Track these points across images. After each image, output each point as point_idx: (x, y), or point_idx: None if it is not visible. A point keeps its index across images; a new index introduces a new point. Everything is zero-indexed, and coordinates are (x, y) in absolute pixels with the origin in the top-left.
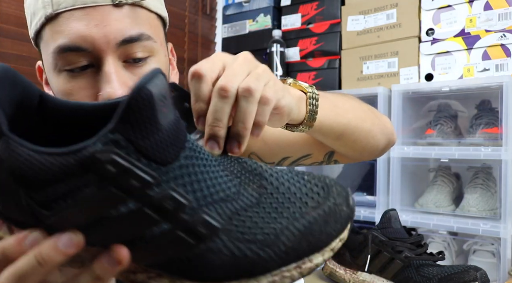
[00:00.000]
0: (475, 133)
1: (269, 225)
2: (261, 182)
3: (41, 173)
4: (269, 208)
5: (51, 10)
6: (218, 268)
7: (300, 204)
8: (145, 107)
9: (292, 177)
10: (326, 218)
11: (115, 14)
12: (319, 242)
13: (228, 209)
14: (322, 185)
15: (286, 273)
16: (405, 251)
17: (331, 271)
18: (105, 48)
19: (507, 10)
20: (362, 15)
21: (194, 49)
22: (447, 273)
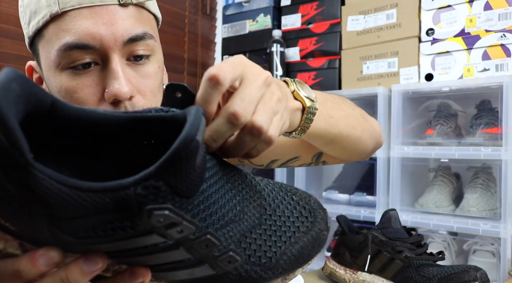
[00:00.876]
0: (475, 133)
1: (271, 248)
2: (260, 200)
3: (72, 208)
4: (269, 231)
5: (57, 8)
6: None
7: (293, 228)
8: (189, 158)
9: (284, 198)
10: (313, 243)
11: (121, 13)
12: (304, 261)
13: (237, 231)
14: (308, 208)
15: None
16: (405, 251)
17: (331, 271)
18: (112, 46)
19: (507, 10)
20: (362, 15)
21: (194, 49)
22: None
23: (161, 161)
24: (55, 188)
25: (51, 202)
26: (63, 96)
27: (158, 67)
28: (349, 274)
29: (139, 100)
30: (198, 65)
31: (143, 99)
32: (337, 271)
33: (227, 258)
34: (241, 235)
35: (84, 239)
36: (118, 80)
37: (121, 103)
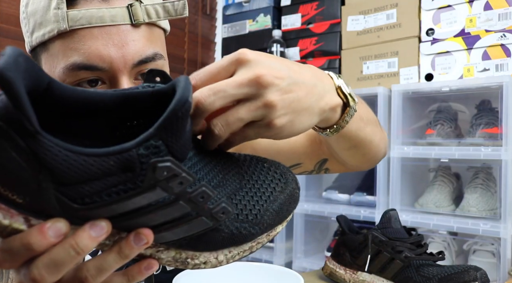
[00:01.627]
0: (475, 133)
1: (255, 207)
2: (237, 169)
3: (79, 173)
4: (250, 192)
5: (65, 26)
6: (218, 242)
7: (270, 189)
8: (184, 117)
9: (256, 165)
10: (289, 199)
11: (133, 35)
12: (283, 218)
13: (224, 194)
14: (279, 172)
15: (260, 240)
16: (405, 251)
17: (331, 271)
18: (122, 68)
19: (507, 10)
20: (362, 15)
21: (194, 49)
22: (447, 273)
23: (160, 121)
24: (63, 154)
25: (60, 168)
26: None
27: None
28: (349, 274)
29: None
30: (198, 65)
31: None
32: (337, 271)
33: (221, 210)
34: (227, 197)
35: (90, 204)
36: None
37: None
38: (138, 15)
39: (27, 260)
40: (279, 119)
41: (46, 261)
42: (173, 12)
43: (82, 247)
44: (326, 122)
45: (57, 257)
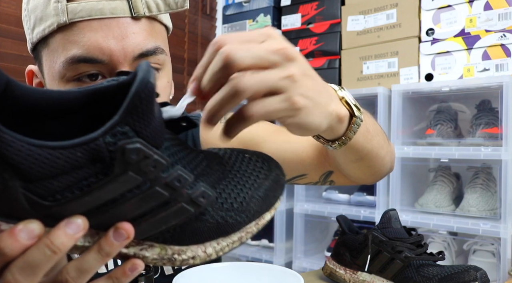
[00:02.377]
0: (475, 133)
1: (239, 194)
2: (219, 159)
3: (46, 167)
4: (233, 181)
5: (65, 19)
6: (203, 233)
7: (253, 177)
8: (149, 100)
9: (237, 156)
10: (275, 185)
11: (133, 27)
12: (270, 204)
13: (207, 183)
14: (261, 160)
15: (249, 229)
16: (405, 251)
17: (331, 271)
18: (122, 61)
19: (507, 10)
20: (362, 15)
21: (194, 49)
22: (447, 273)
23: (123, 106)
24: (26, 149)
25: (24, 163)
26: None
27: (167, 82)
28: (349, 274)
29: None
30: None
31: None
32: (337, 271)
33: (201, 194)
34: (211, 186)
35: (61, 200)
36: None
37: None
38: (138, 8)
39: (1, 267)
40: (298, 98)
41: (20, 265)
42: (173, 5)
43: (58, 246)
44: (333, 133)
45: (32, 259)
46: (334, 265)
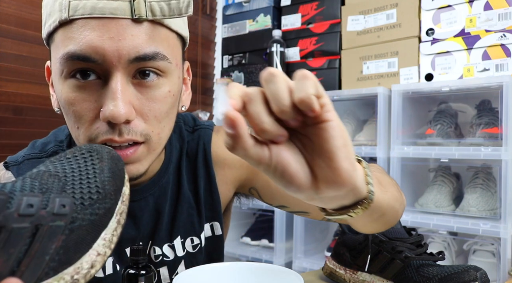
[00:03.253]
0: (475, 133)
1: (91, 186)
2: (47, 174)
3: None
4: (76, 181)
5: (66, 15)
6: (85, 238)
7: (90, 166)
8: None
9: (61, 162)
10: (112, 161)
11: (132, 29)
12: (122, 178)
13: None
14: (85, 151)
15: (120, 210)
16: (405, 251)
17: (331, 271)
18: (116, 63)
19: (507, 10)
20: (362, 15)
21: (194, 49)
22: (447, 273)
23: None
24: None
25: None
26: (63, 106)
27: (168, 91)
28: (349, 274)
29: (138, 125)
30: (198, 65)
31: (144, 123)
32: (337, 271)
33: (59, 204)
34: (58, 192)
35: None
36: (115, 101)
37: (116, 125)
38: (140, 10)
39: None
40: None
41: None
42: (177, 11)
43: None
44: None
45: None
46: (334, 265)
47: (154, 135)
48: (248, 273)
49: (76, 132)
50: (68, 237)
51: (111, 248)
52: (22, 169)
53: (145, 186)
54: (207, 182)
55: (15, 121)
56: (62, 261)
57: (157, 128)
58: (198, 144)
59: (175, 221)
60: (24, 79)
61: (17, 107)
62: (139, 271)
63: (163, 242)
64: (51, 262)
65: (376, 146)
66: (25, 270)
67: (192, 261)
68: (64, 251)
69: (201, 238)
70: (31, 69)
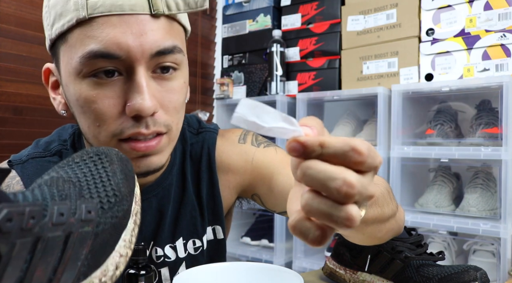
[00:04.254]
0: (475, 133)
1: (106, 190)
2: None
3: None
4: (91, 185)
5: (85, 13)
6: (109, 241)
7: (101, 169)
8: None
9: (72, 168)
10: (122, 163)
11: (152, 25)
12: (132, 178)
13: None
14: (93, 154)
15: (135, 210)
16: (405, 251)
17: (331, 271)
18: (139, 58)
19: (507, 10)
20: (362, 15)
21: (194, 49)
22: (447, 273)
23: None
24: None
25: None
26: (81, 106)
27: (183, 82)
28: (349, 274)
29: (161, 116)
30: (198, 65)
31: (165, 115)
32: (337, 271)
33: (86, 210)
34: (77, 198)
35: None
36: (142, 95)
37: (142, 119)
38: (158, 6)
39: None
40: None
41: None
42: (193, 5)
43: None
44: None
45: None
46: (334, 265)
47: (174, 126)
48: (248, 273)
49: (96, 131)
50: (94, 241)
51: (131, 248)
52: (26, 167)
53: (149, 186)
54: (210, 186)
55: (15, 121)
56: (91, 265)
57: (176, 119)
58: (203, 147)
59: (177, 222)
60: (24, 79)
61: (17, 107)
62: (139, 271)
63: (165, 243)
64: (82, 267)
65: (376, 146)
66: (61, 277)
67: (193, 263)
68: (92, 256)
69: (203, 241)
70: (31, 69)
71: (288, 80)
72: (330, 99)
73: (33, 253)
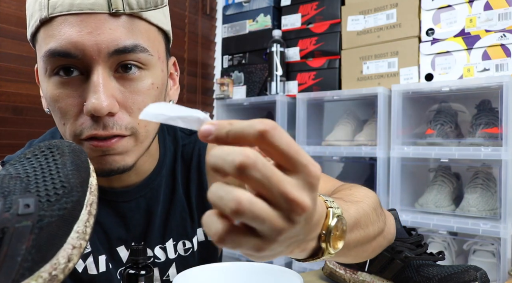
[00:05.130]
0: (475, 133)
1: (55, 182)
2: (8, 177)
3: None
4: (39, 179)
5: (46, 13)
6: (58, 233)
7: (51, 162)
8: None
9: (21, 163)
10: (74, 154)
11: (110, 23)
12: (86, 169)
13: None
14: (44, 148)
15: (89, 201)
16: (405, 251)
17: (331, 271)
18: (96, 57)
19: (507, 10)
20: (362, 15)
21: (194, 49)
22: (447, 273)
23: None
24: None
25: None
26: (49, 104)
27: (151, 83)
28: (349, 274)
29: (123, 118)
30: (198, 65)
31: (129, 117)
32: (337, 271)
33: (23, 204)
34: (22, 193)
35: None
36: (96, 94)
37: (100, 119)
38: (117, 4)
39: None
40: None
41: None
42: (153, 3)
43: None
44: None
45: None
46: (334, 265)
47: (140, 128)
48: (248, 273)
49: (63, 129)
50: (38, 236)
51: (86, 239)
52: None
53: (136, 187)
54: (199, 187)
55: (15, 121)
56: (36, 259)
57: (143, 121)
58: (194, 148)
59: (167, 223)
60: (24, 79)
61: (17, 107)
62: (139, 271)
63: (154, 243)
64: (25, 263)
65: (376, 146)
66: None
67: (183, 264)
68: (37, 250)
69: (193, 242)
70: (31, 69)
71: (288, 80)
72: (330, 99)
73: None
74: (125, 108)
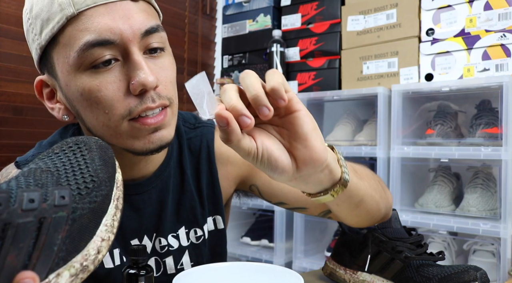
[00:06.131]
0: (475, 133)
1: (84, 176)
2: (39, 170)
3: None
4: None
5: (73, 10)
6: (88, 226)
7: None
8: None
9: (50, 158)
10: (101, 149)
11: (134, 8)
12: (113, 164)
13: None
14: (72, 143)
15: (116, 195)
16: (405, 251)
17: (331, 271)
18: (132, 39)
19: (507, 10)
20: (362, 15)
21: (194, 49)
22: (447, 273)
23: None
24: None
25: None
26: (86, 98)
27: (170, 60)
28: (349, 274)
29: (162, 90)
30: (198, 65)
31: (165, 89)
32: (337, 271)
33: (59, 196)
34: (54, 186)
35: None
36: (143, 70)
37: (147, 93)
38: None
39: None
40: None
41: None
42: None
43: None
44: (333, 174)
45: None
46: (334, 265)
47: (174, 99)
48: (248, 273)
49: (106, 118)
50: (71, 227)
51: (114, 232)
52: None
53: (148, 179)
54: (210, 177)
55: (15, 121)
56: (70, 250)
57: (174, 93)
58: (202, 140)
59: (179, 212)
60: (24, 79)
61: (17, 107)
62: (139, 271)
63: (167, 232)
64: (60, 252)
65: (376, 146)
66: (36, 262)
67: (196, 252)
68: (70, 241)
69: (204, 230)
70: (31, 69)
71: (288, 80)
72: (330, 99)
73: (3, 239)
74: (160, 82)
